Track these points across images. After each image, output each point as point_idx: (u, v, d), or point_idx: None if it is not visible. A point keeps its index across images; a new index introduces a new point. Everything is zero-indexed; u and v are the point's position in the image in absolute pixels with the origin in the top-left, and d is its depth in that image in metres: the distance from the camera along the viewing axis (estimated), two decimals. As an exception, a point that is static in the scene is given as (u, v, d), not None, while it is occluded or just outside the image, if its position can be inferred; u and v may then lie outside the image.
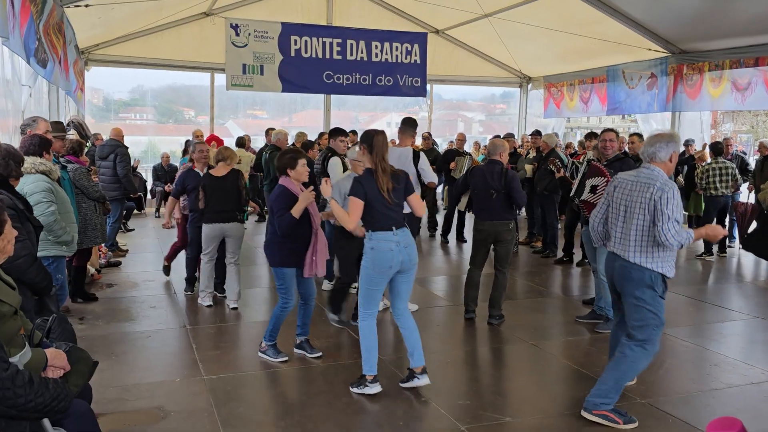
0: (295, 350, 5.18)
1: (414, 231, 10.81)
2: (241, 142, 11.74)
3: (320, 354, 5.11)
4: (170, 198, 6.83)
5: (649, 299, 3.88)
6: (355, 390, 4.41)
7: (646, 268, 3.85)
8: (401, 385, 4.51)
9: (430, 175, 6.37)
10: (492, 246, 6.12)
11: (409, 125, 6.45)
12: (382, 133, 4.40)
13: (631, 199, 3.91)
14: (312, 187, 4.78)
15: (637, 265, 3.88)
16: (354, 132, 12.52)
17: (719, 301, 7.22)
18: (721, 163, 9.37)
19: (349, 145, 7.83)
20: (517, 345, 5.64)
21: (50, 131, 5.34)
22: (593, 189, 5.92)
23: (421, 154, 6.33)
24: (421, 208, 4.61)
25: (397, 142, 6.97)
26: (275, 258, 4.85)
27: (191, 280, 6.98)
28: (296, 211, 4.62)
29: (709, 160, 9.65)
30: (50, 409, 2.38)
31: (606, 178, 5.76)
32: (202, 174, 6.54)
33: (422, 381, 4.45)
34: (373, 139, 4.29)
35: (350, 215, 4.23)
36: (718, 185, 9.30)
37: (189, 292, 6.92)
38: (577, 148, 11.85)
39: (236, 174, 6.43)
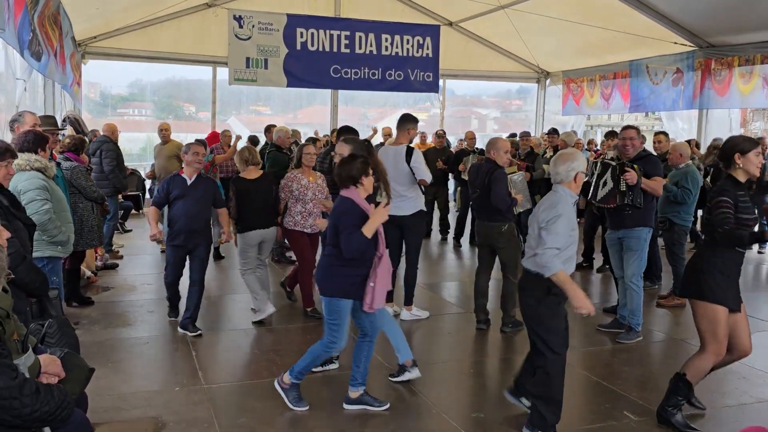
0: (349, 406, 4.42)
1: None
2: (255, 141, 11.64)
3: (387, 406, 4.42)
4: (151, 207, 6.01)
5: None
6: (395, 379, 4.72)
7: None
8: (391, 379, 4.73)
9: (422, 173, 6.20)
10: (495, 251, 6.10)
11: (405, 121, 6.43)
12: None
13: None
14: (386, 201, 4.49)
15: None
16: (334, 131, 12.49)
17: (748, 310, 7.15)
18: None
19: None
20: (534, 355, 5.61)
21: (39, 125, 5.35)
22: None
23: (415, 150, 6.24)
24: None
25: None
26: (331, 286, 4.21)
27: (174, 304, 6.28)
28: (369, 230, 4.05)
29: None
30: (54, 418, 2.39)
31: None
32: (190, 181, 5.87)
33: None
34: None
35: None
36: None
37: (172, 317, 6.24)
38: (600, 146, 11.80)
39: (269, 176, 6.47)
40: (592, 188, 6.05)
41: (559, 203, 3.84)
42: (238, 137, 10.41)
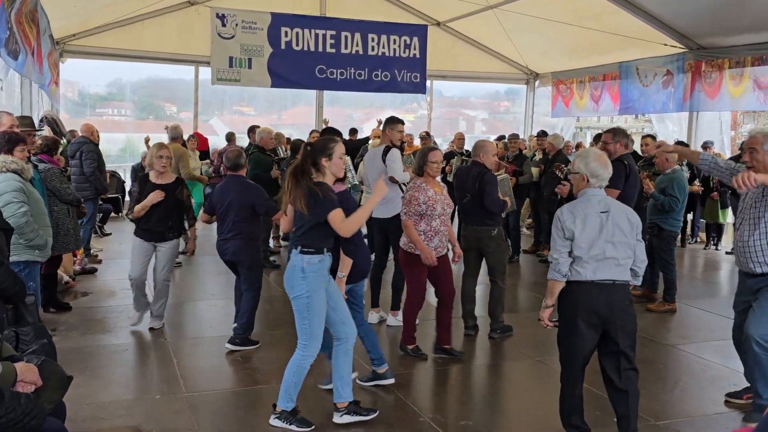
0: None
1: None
2: (229, 138, 11.54)
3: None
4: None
5: None
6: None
7: None
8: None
9: (393, 170, 6.18)
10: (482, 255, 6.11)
11: (386, 122, 6.46)
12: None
13: None
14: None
15: None
16: (316, 131, 12.47)
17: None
18: None
19: None
20: (522, 361, 5.64)
21: (16, 125, 5.32)
22: None
23: (393, 149, 6.25)
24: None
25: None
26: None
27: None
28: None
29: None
30: (22, 426, 2.38)
31: None
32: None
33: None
34: None
35: None
36: None
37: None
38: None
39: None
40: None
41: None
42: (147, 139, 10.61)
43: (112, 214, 11.83)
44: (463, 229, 6.19)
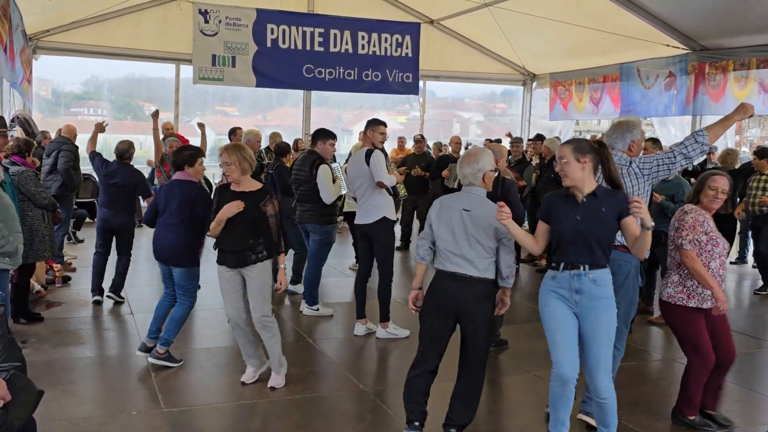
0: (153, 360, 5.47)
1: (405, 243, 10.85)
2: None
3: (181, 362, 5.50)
4: None
5: None
6: None
7: None
8: None
9: (380, 174, 6.14)
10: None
11: (367, 124, 6.48)
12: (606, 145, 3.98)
13: None
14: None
15: None
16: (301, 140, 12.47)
17: (752, 330, 7.28)
18: None
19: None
20: (518, 376, 5.65)
21: None
22: None
23: (376, 151, 6.25)
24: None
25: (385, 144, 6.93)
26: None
27: None
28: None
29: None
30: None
31: None
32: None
33: None
34: (601, 152, 3.86)
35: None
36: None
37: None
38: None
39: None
40: None
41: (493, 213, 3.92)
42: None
43: (87, 219, 11.77)
44: None
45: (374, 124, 6.42)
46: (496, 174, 5.83)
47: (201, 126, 9.45)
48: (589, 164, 3.73)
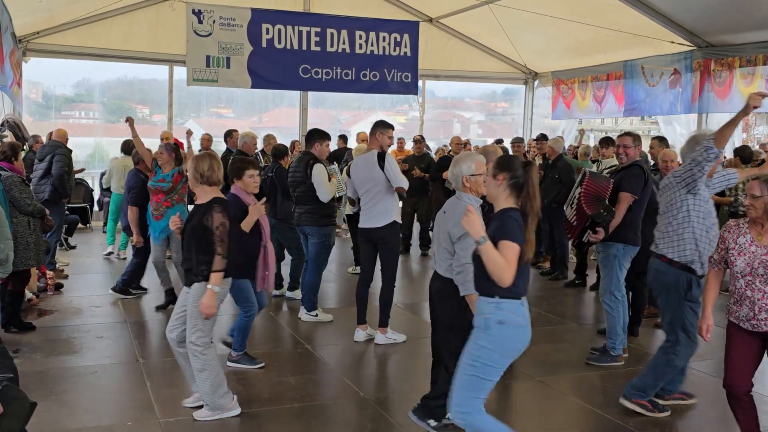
0: (230, 364, 5.68)
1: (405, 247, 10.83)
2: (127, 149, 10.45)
3: (262, 364, 5.67)
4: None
5: None
6: None
7: None
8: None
9: (399, 179, 6.24)
10: None
11: (375, 126, 6.47)
12: (534, 166, 3.64)
13: None
14: (264, 200, 5.27)
15: None
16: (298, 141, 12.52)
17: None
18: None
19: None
20: (522, 382, 5.65)
21: None
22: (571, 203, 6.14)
23: (388, 155, 6.26)
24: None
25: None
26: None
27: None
28: (246, 225, 5.17)
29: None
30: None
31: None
32: None
33: None
34: (523, 172, 3.57)
35: (510, 267, 3.44)
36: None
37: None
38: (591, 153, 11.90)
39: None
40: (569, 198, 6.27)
41: (459, 212, 3.95)
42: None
43: (80, 225, 11.78)
44: None
45: (384, 126, 6.42)
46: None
47: (188, 134, 8.98)
48: (503, 182, 3.55)
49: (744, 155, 9.38)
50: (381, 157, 6.21)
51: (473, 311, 3.88)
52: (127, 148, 10.23)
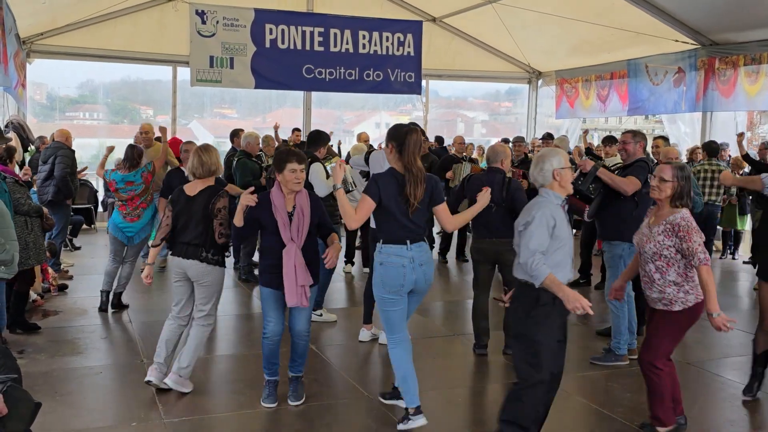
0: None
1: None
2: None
3: (302, 401, 4.96)
4: None
5: None
6: (401, 427, 4.45)
7: None
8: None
9: None
10: (497, 267, 6.14)
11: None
12: (416, 131, 4.45)
13: None
14: (253, 189, 4.78)
15: None
16: (298, 129, 12.56)
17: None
18: (715, 165, 9.61)
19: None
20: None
21: None
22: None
23: None
24: (449, 222, 4.67)
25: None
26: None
27: None
28: (236, 218, 4.67)
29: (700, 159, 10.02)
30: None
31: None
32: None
33: (416, 422, 4.44)
34: (405, 137, 4.34)
35: (357, 213, 4.27)
36: (707, 190, 9.54)
37: None
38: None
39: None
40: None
41: (534, 206, 3.96)
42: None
43: (84, 226, 11.78)
44: (477, 242, 6.14)
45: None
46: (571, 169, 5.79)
47: (162, 130, 8.85)
48: (393, 149, 4.37)
49: (711, 149, 9.80)
50: None
51: (558, 292, 3.82)
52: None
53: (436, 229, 11.24)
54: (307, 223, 4.73)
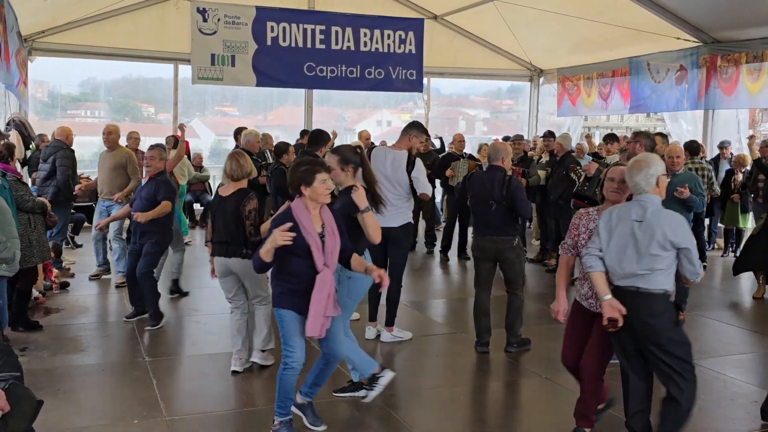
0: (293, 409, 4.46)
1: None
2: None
3: (324, 428, 4.51)
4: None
5: None
6: (375, 392, 4.72)
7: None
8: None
9: (424, 186, 6.32)
10: (498, 265, 6.13)
11: (411, 127, 6.48)
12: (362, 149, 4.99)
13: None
14: (290, 225, 4.08)
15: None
16: (306, 132, 12.50)
17: (760, 327, 7.25)
18: (697, 164, 9.55)
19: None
20: (529, 379, 5.64)
21: None
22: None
23: (417, 160, 6.29)
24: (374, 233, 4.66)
25: (389, 143, 6.94)
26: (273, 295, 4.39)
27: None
28: (265, 252, 4.07)
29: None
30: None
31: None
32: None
33: (386, 377, 4.74)
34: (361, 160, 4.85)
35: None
36: None
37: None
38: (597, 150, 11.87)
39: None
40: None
41: (663, 216, 3.91)
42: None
43: (86, 224, 11.78)
44: (478, 240, 6.14)
45: (419, 130, 6.48)
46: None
47: (181, 128, 8.85)
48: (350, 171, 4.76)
49: (692, 148, 9.76)
50: (411, 162, 6.24)
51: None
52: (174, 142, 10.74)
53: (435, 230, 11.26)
54: (338, 243, 4.21)
